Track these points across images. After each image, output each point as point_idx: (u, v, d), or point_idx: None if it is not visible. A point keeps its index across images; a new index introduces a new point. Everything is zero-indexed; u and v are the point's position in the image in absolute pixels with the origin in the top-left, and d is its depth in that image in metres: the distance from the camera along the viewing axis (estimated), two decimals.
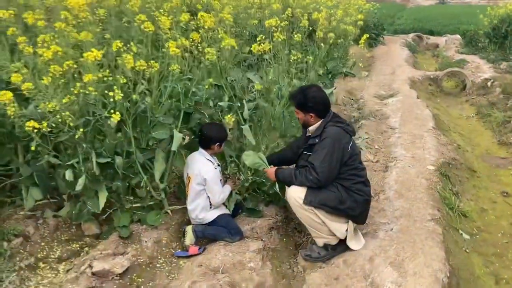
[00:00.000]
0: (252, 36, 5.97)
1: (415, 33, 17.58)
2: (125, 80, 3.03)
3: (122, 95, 2.94)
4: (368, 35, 6.50)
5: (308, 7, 7.53)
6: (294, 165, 3.58)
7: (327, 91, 5.68)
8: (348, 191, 3.18)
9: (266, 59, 4.71)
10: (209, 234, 3.50)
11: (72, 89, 2.89)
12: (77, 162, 3.22)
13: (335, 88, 5.78)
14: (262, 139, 3.97)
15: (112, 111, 2.98)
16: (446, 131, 6.70)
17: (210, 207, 3.56)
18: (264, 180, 3.91)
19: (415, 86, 9.13)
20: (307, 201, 3.14)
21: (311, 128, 3.40)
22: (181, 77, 3.41)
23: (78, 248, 3.57)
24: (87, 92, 2.89)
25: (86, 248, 3.59)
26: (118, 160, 3.28)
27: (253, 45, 3.61)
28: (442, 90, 9.61)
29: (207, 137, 3.52)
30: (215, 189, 3.50)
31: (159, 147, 3.46)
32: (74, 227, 3.71)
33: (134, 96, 3.04)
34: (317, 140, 3.24)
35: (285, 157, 3.65)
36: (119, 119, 2.93)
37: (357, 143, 5.76)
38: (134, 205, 3.64)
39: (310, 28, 5.91)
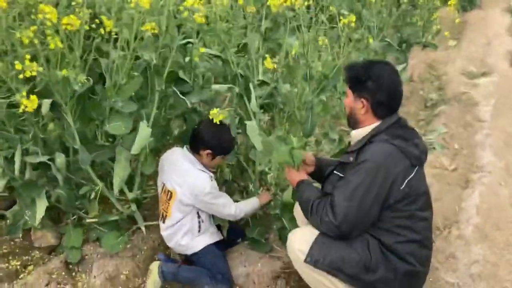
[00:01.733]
0: None
1: None
2: (60, 44, 1.94)
3: (40, 69, 1.86)
4: None
5: None
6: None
7: (398, 68, 4.30)
8: (385, 253, 1.92)
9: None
10: (183, 278, 2.40)
11: None
12: None
13: (406, 65, 4.35)
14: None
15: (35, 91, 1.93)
16: None
17: (199, 231, 2.48)
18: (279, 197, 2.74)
19: None
20: (311, 260, 1.94)
21: (354, 133, 2.13)
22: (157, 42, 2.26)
23: (18, 267, 2.65)
24: None
25: (30, 267, 2.67)
26: (59, 159, 2.26)
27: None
28: None
29: (198, 137, 2.40)
30: (223, 202, 2.43)
31: (122, 143, 2.38)
32: (21, 234, 2.79)
33: (64, 72, 1.94)
34: (351, 159, 1.98)
35: None
36: (32, 104, 1.86)
37: (430, 138, 4.38)
38: (90, 219, 2.63)
39: None
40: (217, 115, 2.23)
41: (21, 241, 2.79)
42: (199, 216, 2.47)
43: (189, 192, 2.36)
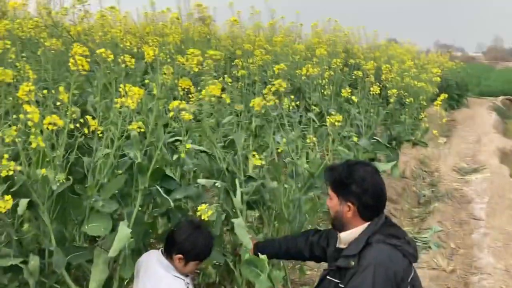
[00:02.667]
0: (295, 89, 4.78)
1: (505, 96, 15.56)
2: (42, 144, 1.91)
3: (19, 168, 1.81)
4: (447, 95, 5.11)
5: (370, 56, 6.28)
6: None
7: (387, 165, 4.27)
8: None
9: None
10: None
11: None
12: None
13: (396, 162, 4.35)
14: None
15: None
16: None
17: None
18: None
19: (506, 160, 7.40)
20: None
21: (343, 236, 2.04)
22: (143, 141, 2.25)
23: None
24: None
25: None
26: (33, 262, 2.12)
27: (254, 99, 2.39)
28: None
29: (171, 240, 2.26)
30: None
31: (101, 244, 2.27)
32: None
33: (42, 171, 1.89)
34: (353, 263, 1.87)
35: (291, 247, 2.36)
36: (5, 205, 1.78)
37: (426, 237, 4.27)
38: None
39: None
40: (205, 211, 2.14)
41: None
42: None
43: None
